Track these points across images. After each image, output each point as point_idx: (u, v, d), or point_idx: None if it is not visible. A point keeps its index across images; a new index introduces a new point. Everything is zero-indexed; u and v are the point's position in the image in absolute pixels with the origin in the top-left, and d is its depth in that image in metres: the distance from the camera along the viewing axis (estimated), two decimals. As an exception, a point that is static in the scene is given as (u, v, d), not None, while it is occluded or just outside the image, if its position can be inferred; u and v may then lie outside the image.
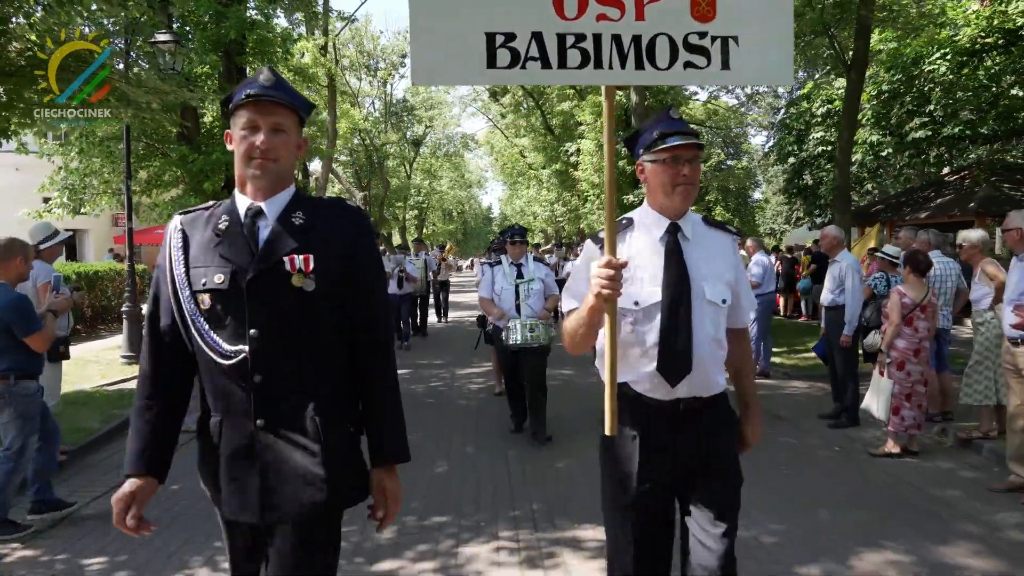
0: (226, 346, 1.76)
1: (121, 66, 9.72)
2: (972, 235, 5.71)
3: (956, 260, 6.53)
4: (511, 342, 5.86)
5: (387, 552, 3.83)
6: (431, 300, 15.70)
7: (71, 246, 29.84)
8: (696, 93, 31.27)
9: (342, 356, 1.88)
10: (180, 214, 1.94)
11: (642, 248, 2.17)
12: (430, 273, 14.67)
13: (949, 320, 6.57)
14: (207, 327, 1.78)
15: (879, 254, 6.78)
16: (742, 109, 33.60)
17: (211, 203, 1.95)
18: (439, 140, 43.17)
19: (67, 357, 5.48)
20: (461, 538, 4.03)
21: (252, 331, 1.75)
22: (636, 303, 2.10)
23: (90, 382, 8.63)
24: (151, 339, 1.88)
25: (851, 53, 11.25)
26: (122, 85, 7.65)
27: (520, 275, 6.21)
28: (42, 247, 5.50)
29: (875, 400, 5.55)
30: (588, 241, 2.26)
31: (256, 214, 1.84)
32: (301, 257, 1.78)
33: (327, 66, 21.30)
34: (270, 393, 1.77)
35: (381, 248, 15.54)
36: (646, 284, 2.12)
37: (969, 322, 8.01)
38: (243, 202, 1.86)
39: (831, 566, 3.63)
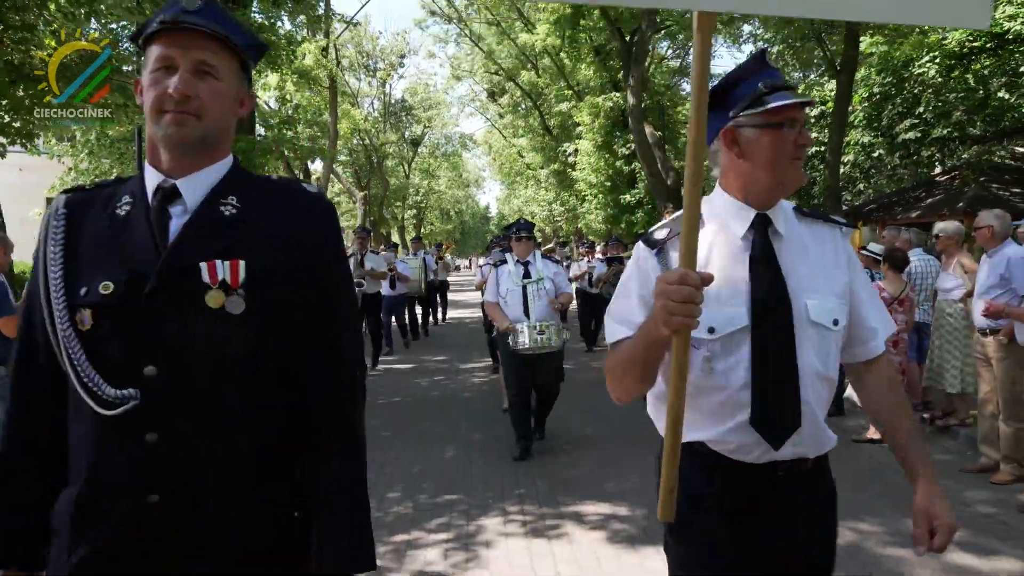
0: (109, 389, 1.20)
1: (131, 69, 10.00)
2: (948, 227, 6.06)
3: (937, 258, 6.87)
4: (520, 347, 5.35)
5: (404, 525, 4.16)
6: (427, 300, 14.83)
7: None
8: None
9: (284, 409, 1.31)
10: (66, 192, 1.36)
11: (716, 250, 1.56)
12: (430, 273, 13.84)
13: (929, 314, 6.91)
14: (84, 358, 1.22)
15: (863, 252, 7.12)
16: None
17: (114, 179, 1.41)
18: (437, 140, 43.48)
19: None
20: (471, 514, 4.36)
21: (149, 369, 1.20)
22: (711, 330, 1.49)
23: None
24: (19, 367, 1.32)
25: (841, 58, 11.62)
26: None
27: (527, 275, 5.61)
28: None
29: (858, 389, 5.91)
30: (639, 245, 1.61)
31: (168, 196, 1.29)
32: (227, 264, 1.24)
33: (328, 67, 21.60)
34: (170, 461, 1.21)
35: (381, 248, 15.50)
36: (725, 302, 1.50)
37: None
38: (153, 178, 1.31)
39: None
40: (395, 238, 38.83)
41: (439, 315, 16.19)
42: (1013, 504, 4.40)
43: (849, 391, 6.08)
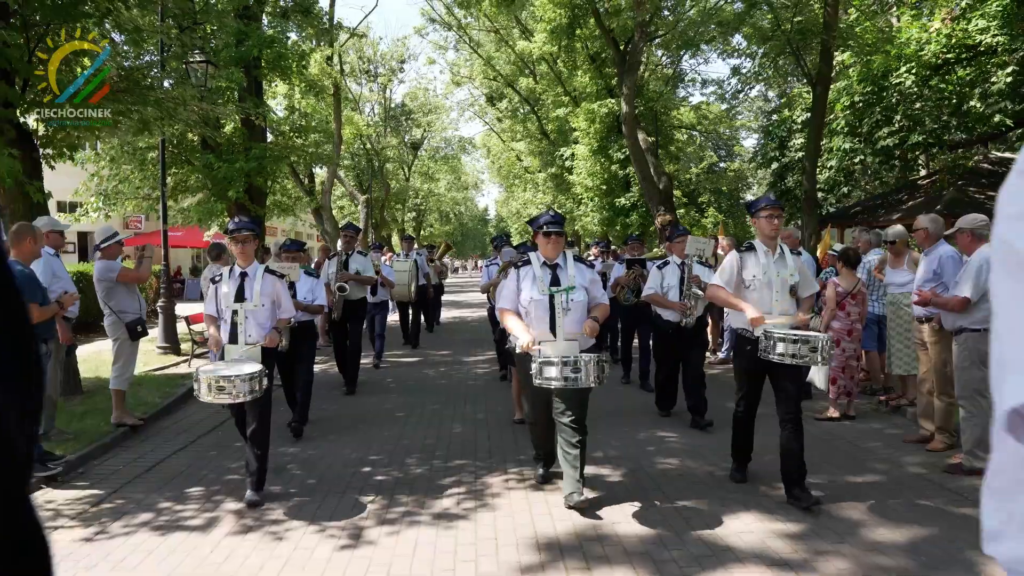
0: None
1: (165, 83, 10.72)
2: (895, 229, 6.81)
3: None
4: (546, 382, 4.13)
5: (423, 482, 4.92)
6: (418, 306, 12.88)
7: (82, 247, 30.91)
8: (687, 98, 32.53)
9: None
10: None
11: None
12: (422, 276, 12.60)
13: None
14: None
15: (830, 252, 7.89)
16: (732, 112, 34.66)
17: None
18: (437, 144, 44.24)
19: (145, 334, 6.56)
20: (479, 474, 5.11)
21: None
22: None
23: (137, 368, 9.67)
24: None
25: (816, 72, 12.39)
26: (170, 103, 8.63)
27: (556, 281, 4.44)
28: (103, 245, 6.57)
29: (818, 373, 6.67)
30: None
31: None
32: None
33: (333, 75, 22.38)
34: None
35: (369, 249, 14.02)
36: None
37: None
38: None
39: (767, 490, 4.72)
40: (395, 240, 39.56)
41: (428, 321, 14.60)
42: (941, 467, 5.16)
43: (809, 376, 6.82)
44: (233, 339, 4.73)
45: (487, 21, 28.54)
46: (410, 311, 12.44)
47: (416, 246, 13.83)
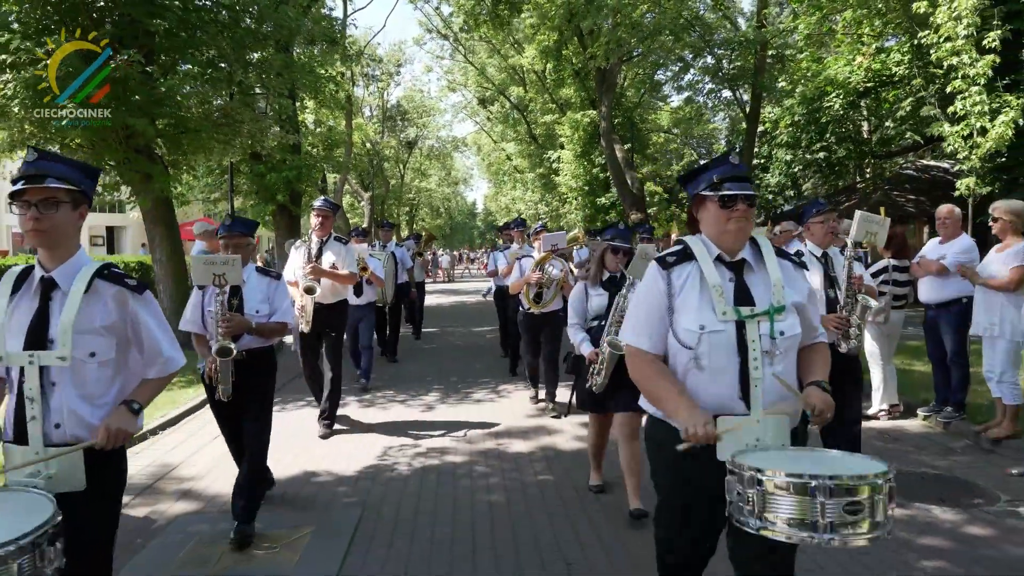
0: None
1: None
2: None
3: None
4: (768, 529, 1.82)
5: (464, 387, 7.97)
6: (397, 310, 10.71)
7: (110, 240, 33.57)
8: (667, 97, 35.39)
9: None
10: None
11: None
12: (402, 273, 10.62)
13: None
14: None
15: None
16: (705, 117, 37.46)
17: None
18: (432, 145, 46.96)
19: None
20: (498, 384, 8.20)
21: None
22: None
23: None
24: None
25: (748, 108, 15.43)
26: (255, 135, 11.46)
27: (744, 295, 2.18)
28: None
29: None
30: None
31: None
32: None
33: (345, 88, 25.19)
34: None
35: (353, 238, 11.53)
36: None
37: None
38: None
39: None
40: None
41: (414, 327, 12.82)
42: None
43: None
44: (21, 433, 2.13)
45: (481, 31, 31.21)
46: (387, 316, 10.19)
47: (396, 238, 10.79)
